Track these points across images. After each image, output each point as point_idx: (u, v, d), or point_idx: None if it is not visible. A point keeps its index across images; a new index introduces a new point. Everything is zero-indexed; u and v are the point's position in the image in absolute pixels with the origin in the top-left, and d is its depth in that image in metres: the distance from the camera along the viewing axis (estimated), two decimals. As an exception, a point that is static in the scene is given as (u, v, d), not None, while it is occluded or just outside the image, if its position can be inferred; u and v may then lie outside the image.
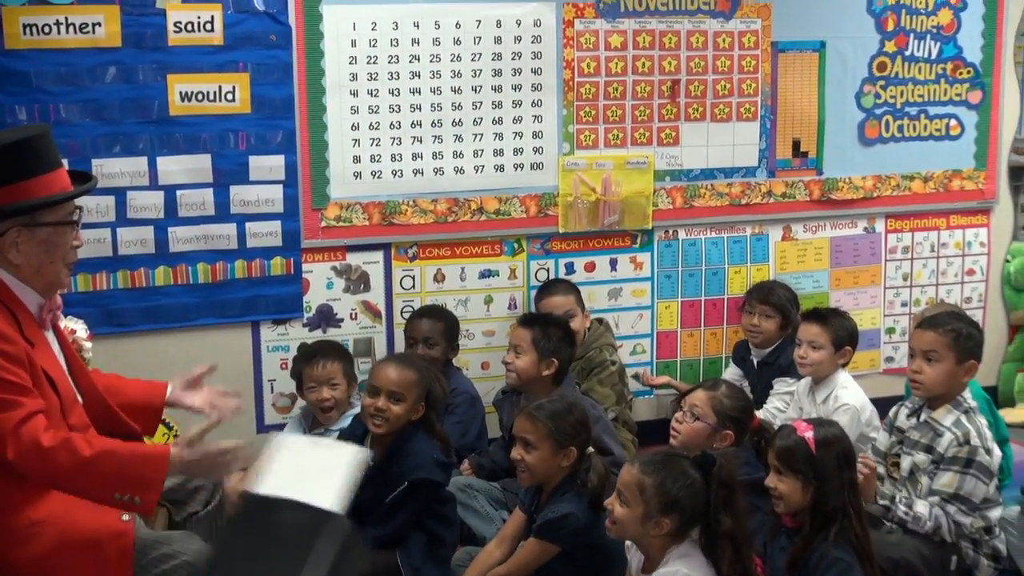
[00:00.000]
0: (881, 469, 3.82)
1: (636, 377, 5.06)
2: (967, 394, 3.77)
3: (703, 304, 5.26)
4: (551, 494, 3.47)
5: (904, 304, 5.54)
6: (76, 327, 3.17)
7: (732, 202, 5.15)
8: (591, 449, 3.53)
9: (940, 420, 3.70)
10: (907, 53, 5.29)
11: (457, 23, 4.67)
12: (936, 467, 3.64)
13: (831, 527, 3.12)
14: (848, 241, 5.42)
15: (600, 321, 4.92)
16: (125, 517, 2.88)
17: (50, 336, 3.00)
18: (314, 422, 4.49)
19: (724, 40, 5.00)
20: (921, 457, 3.70)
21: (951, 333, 3.74)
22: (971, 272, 5.63)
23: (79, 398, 2.99)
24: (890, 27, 5.23)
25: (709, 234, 5.20)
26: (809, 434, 3.20)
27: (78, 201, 3.02)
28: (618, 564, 3.32)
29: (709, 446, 3.61)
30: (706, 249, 5.20)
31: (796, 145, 5.21)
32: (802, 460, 3.18)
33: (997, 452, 3.69)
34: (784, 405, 4.62)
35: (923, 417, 3.77)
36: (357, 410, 4.37)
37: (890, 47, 5.25)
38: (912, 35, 5.28)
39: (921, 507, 3.57)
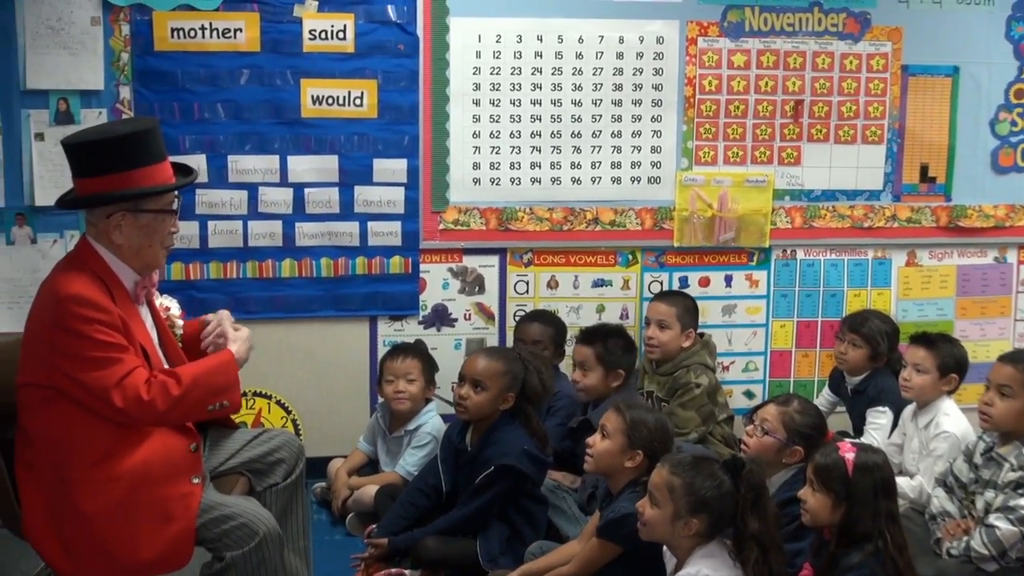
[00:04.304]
0: (953, 507, 3.78)
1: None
2: None
3: (819, 325, 5.23)
4: (616, 496, 3.56)
5: (1036, 337, 5.39)
6: (171, 304, 3.42)
7: (854, 224, 5.12)
8: None
9: (1005, 455, 3.63)
10: (1047, 81, 5.17)
11: (580, 38, 4.80)
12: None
13: (863, 545, 3.11)
14: (976, 270, 5.31)
15: (701, 336, 4.83)
16: (195, 480, 3.11)
17: (144, 311, 3.26)
18: (392, 419, 4.63)
19: (851, 62, 4.99)
20: (990, 494, 3.62)
21: None
22: (1110, 309, 5.44)
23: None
24: (1030, 54, 5.13)
25: (829, 255, 5.18)
26: (850, 455, 3.19)
27: (189, 193, 3.31)
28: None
29: (778, 461, 3.63)
30: (825, 270, 5.18)
31: (924, 170, 5.14)
32: (837, 479, 3.17)
33: None
34: (882, 437, 4.54)
35: (992, 454, 3.70)
36: (432, 408, 4.59)
37: (1029, 74, 5.15)
38: (1054, 63, 5.16)
39: (975, 541, 3.51)
